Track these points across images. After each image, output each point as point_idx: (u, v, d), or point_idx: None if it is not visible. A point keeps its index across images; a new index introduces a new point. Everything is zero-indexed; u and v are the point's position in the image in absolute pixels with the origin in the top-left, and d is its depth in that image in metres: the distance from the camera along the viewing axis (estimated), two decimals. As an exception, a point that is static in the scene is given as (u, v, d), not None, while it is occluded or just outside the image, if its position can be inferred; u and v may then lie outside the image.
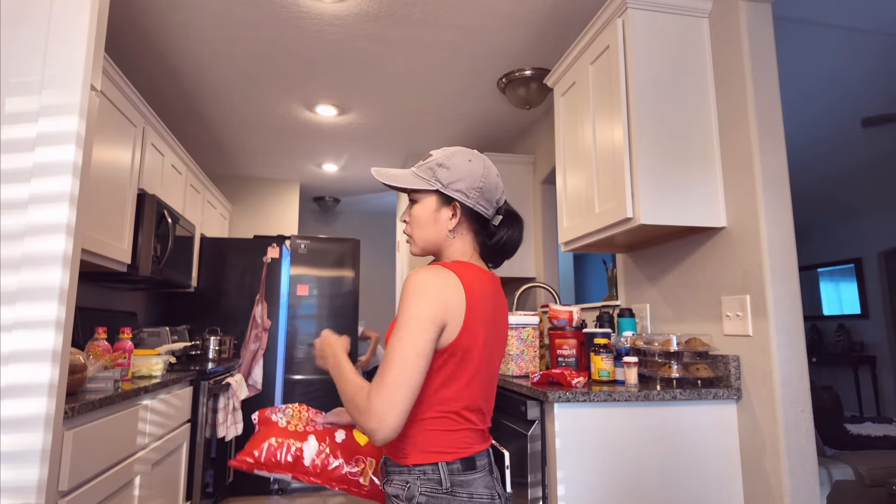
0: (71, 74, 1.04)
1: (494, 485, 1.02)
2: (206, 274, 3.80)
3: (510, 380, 1.98)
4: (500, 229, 1.11)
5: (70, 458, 1.42)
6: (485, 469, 1.01)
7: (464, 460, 0.99)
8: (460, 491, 0.97)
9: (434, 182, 1.07)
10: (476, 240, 1.11)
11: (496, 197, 1.10)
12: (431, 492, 0.96)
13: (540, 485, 1.65)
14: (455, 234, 1.09)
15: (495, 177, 1.10)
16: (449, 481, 0.97)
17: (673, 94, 1.85)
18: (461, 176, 1.07)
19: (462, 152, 1.10)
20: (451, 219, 1.08)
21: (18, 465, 0.92)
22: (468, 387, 1.00)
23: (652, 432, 1.63)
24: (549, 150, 3.42)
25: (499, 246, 1.11)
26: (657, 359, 1.81)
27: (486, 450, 1.04)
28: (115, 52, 2.71)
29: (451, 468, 0.98)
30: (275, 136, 3.96)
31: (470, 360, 1.00)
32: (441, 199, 1.08)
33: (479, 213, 1.09)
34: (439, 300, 0.95)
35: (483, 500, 0.98)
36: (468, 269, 1.04)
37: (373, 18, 2.44)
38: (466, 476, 0.98)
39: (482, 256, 1.13)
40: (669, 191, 1.78)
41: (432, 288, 0.96)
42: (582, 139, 2.13)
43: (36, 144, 1.02)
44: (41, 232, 0.99)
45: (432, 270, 0.98)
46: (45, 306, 0.96)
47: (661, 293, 2.13)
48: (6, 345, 0.96)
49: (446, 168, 1.07)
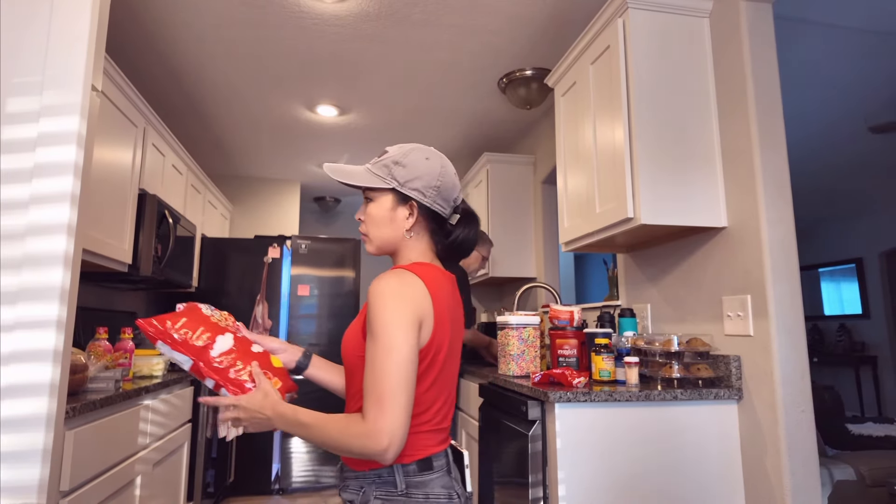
0: (72, 75, 1.04)
1: (453, 484, 1.01)
2: (207, 274, 3.80)
3: (511, 380, 1.98)
4: (456, 228, 1.09)
5: (71, 458, 1.42)
6: (442, 469, 1.00)
7: (420, 462, 0.97)
8: (416, 492, 0.95)
9: (390, 180, 1.05)
10: (433, 239, 1.09)
11: (454, 196, 1.09)
12: (386, 495, 0.95)
13: (541, 485, 1.65)
14: (412, 233, 1.07)
15: (453, 175, 1.09)
16: (404, 483, 0.95)
17: (674, 94, 1.84)
18: (418, 174, 1.04)
19: (419, 150, 1.08)
20: (407, 218, 1.06)
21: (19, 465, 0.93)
22: (431, 389, 0.98)
23: (653, 432, 1.63)
24: (549, 150, 3.42)
25: (455, 245, 1.10)
26: (658, 359, 1.81)
27: (444, 451, 1.02)
28: (116, 51, 2.72)
29: (406, 470, 0.96)
30: (276, 137, 3.96)
31: (436, 362, 0.98)
32: (397, 198, 1.06)
33: (437, 213, 1.07)
34: (413, 304, 0.93)
35: (440, 499, 0.97)
36: (429, 270, 1.02)
37: (373, 18, 2.44)
38: (423, 477, 0.97)
39: (438, 256, 1.11)
40: (670, 190, 1.78)
41: (403, 293, 0.93)
42: (583, 139, 2.13)
43: (37, 144, 1.02)
44: (42, 232, 0.99)
45: (398, 276, 0.96)
46: (47, 306, 0.97)
47: (662, 293, 2.13)
48: (7, 345, 0.96)
49: (403, 166, 1.05)
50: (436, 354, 0.98)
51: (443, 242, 1.09)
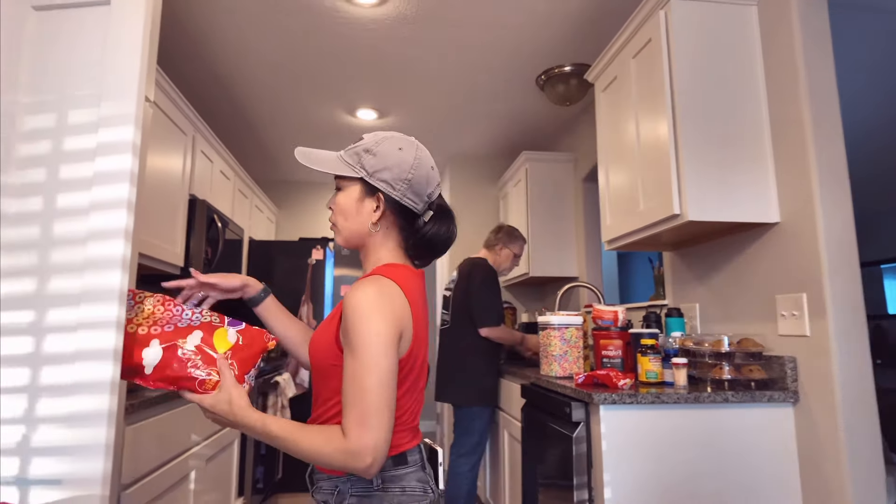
0: (127, 87, 1.09)
1: (427, 479, 0.99)
2: (255, 275, 3.91)
3: (553, 381, 1.95)
4: (427, 225, 1.02)
5: (130, 452, 1.49)
6: (416, 464, 0.98)
7: (394, 457, 0.95)
8: (392, 486, 0.94)
9: (359, 169, 0.99)
10: (401, 235, 1.02)
11: (427, 191, 1.01)
12: (363, 492, 0.93)
13: (586, 487, 1.62)
14: (378, 227, 1.00)
15: (428, 168, 1.01)
16: (380, 478, 0.94)
17: (720, 86, 1.78)
18: (388, 165, 0.97)
19: (393, 139, 1.00)
20: (374, 211, 0.99)
21: (84, 458, 0.98)
22: (406, 393, 0.96)
23: (703, 436, 1.58)
24: (590, 146, 3.36)
25: (424, 242, 1.02)
26: (707, 360, 1.75)
27: (417, 446, 0.99)
28: (166, 62, 2.83)
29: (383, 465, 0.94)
30: (318, 141, 4.05)
31: (413, 368, 0.96)
32: (365, 189, 1.00)
33: (407, 207, 1.00)
34: (393, 316, 0.89)
35: (416, 492, 0.95)
36: (404, 274, 0.98)
37: (410, 21, 2.46)
38: (398, 471, 0.95)
39: (409, 253, 1.04)
40: (718, 185, 1.72)
41: (383, 305, 0.89)
42: (625, 135, 2.08)
43: (96, 154, 1.07)
44: (102, 237, 1.04)
45: (377, 284, 0.91)
46: (106, 308, 1.02)
47: (711, 292, 2.06)
48: (72, 344, 1.01)
49: (373, 154, 0.99)
50: (414, 361, 0.95)
51: (412, 239, 1.03)
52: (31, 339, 1.03)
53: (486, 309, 2.62)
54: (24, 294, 1.05)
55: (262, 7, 2.35)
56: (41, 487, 0.98)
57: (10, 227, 1.07)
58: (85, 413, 0.99)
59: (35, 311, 1.04)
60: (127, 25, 1.11)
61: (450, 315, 2.76)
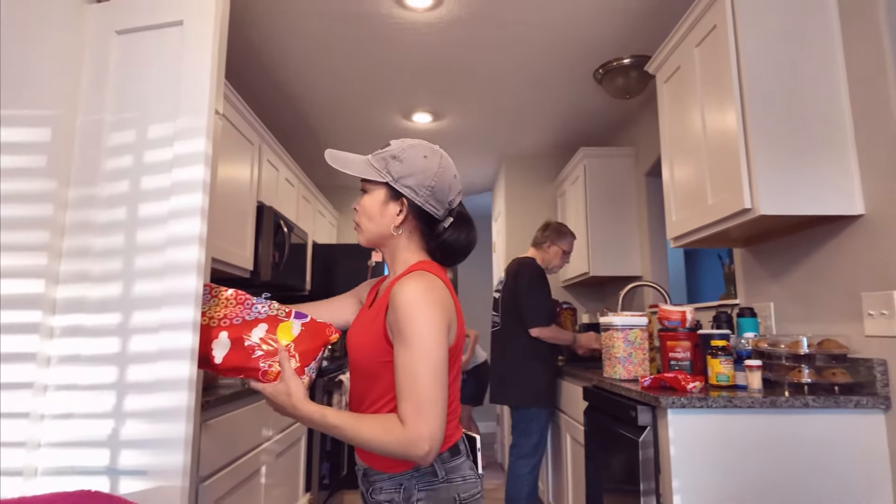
0: (199, 101, 1.16)
1: (475, 467, 1.04)
2: (318, 278, 4.05)
3: (618, 383, 1.90)
4: (447, 231, 1.06)
5: (206, 446, 1.58)
6: (464, 454, 1.03)
7: (450, 449, 1.00)
8: (454, 476, 0.99)
9: (385, 174, 1.03)
10: (423, 239, 1.07)
11: (449, 198, 1.06)
12: (428, 486, 0.97)
13: (653, 493, 1.57)
14: (400, 230, 1.05)
15: (451, 177, 1.05)
16: (443, 470, 0.98)
17: (793, 71, 1.68)
18: (413, 171, 1.02)
19: (420, 147, 1.05)
20: (397, 214, 1.04)
21: (166, 451, 1.04)
22: (454, 382, 1.01)
23: (781, 443, 1.49)
24: (652, 140, 3.25)
25: (444, 247, 1.07)
26: (784, 362, 1.65)
27: (462, 436, 1.05)
28: (231, 74, 2.98)
29: (441, 458, 0.99)
30: (375, 147, 4.13)
31: (457, 359, 1.02)
32: (390, 193, 1.04)
33: (428, 213, 1.04)
34: (443, 308, 0.94)
35: (472, 480, 1.01)
36: (439, 270, 1.04)
37: (464, 22, 2.47)
38: (455, 462, 1.00)
39: (431, 257, 1.09)
40: (793, 177, 1.62)
41: (433, 298, 0.94)
42: (689, 126, 2.00)
43: (172, 166, 1.14)
44: (179, 243, 1.11)
45: (425, 279, 0.95)
46: (184, 310, 1.08)
47: (787, 290, 1.94)
48: (154, 344, 1.09)
49: (399, 161, 1.03)
50: (457, 352, 1.01)
51: (433, 244, 1.07)
52: (118, 339, 1.12)
53: (535, 309, 2.59)
54: (113, 298, 1.13)
55: (323, 18, 2.43)
56: (129, 478, 1.05)
57: (100, 235, 1.16)
58: (166, 409, 1.06)
59: (121, 314, 1.12)
60: (199, 43, 1.18)
61: (500, 316, 2.74)
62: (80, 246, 1.16)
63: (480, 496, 1.01)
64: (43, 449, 1.09)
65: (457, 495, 0.97)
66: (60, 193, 1.16)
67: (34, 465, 1.08)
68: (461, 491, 0.98)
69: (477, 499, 1.00)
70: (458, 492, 0.98)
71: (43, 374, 1.11)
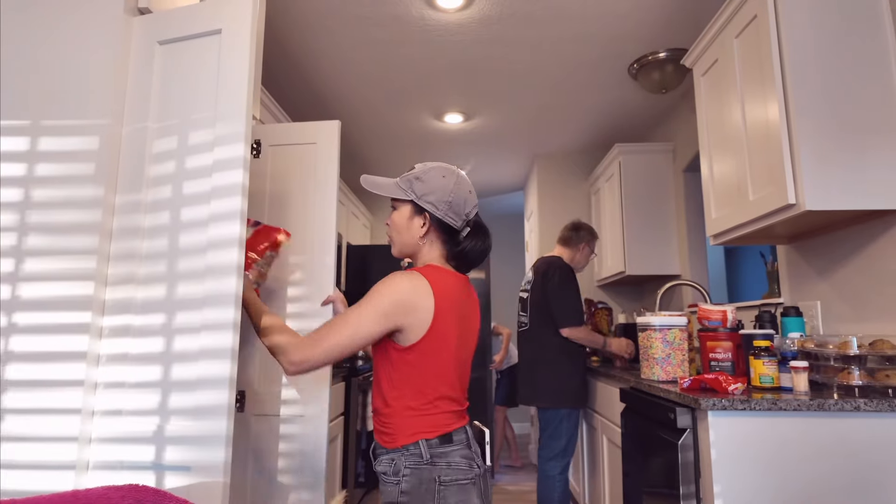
0: (237, 107, 1.19)
1: (473, 457, 1.17)
2: (353, 279, 4.10)
3: (655, 385, 1.86)
4: (465, 240, 1.23)
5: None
6: (462, 443, 1.16)
7: (441, 437, 1.14)
8: (439, 461, 1.12)
9: (410, 193, 1.22)
10: (444, 247, 1.24)
11: (465, 210, 1.23)
12: (414, 464, 1.12)
13: (693, 497, 1.53)
14: (425, 240, 1.23)
15: (466, 192, 1.23)
16: (428, 454, 1.12)
17: (839, 61, 1.61)
18: (433, 189, 1.20)
19: (438, 168, 1.23)
20: (421, 227, 1.22)
21: (208, 447, 1.08)
22: (444, 378, 1.16)
23: (830, 447, 1.43)
24: (689, 135, 3.17)
25: (462, 254, 1.24)
26: (832, 363, 1.58)
27: (462, 427, 1.18)
28: (266, 80, 3.05)
29: (430, 443, 1.13)
30: (407, 148, 4.16)
31: (443, 355, 1.15)
32: (414, 209, 1.23)
33: (448, 224, 1.22)
34: (400, 303, 1.11)
35: (460, 466, 1.13)
36: (439, 273, 1.18)
37: (495, 21, 2.46)
38: (444, 448, 1.14)
39: (451, 263, 1.26)
40: (840, 170, 1.55)
41: (400, 291, 1.12)
42: (729, 120, 1.94)
43: (213, 170, 1.18)
44: (219, 246, 1.14)
45: (407, 276, 1.14)
46: (224, 311, 1.11)
47: (836, 288, 1.86)
48: (196, 343, 1.12)
49: (422, 181, 1.21)
50: (439, 348, 1.14)
51: (453, 251, 1.24)
52: (162, 339, 1.16)
53: (566, 308, 2.55)
54: (157, 299, 1.18)
55: (356, 22, 2.46)
56: (173, 473, 1.09)
57: (145, 239, 1.21)
58: (208, 406, 1.09)
59: (165, 314, 1.16)
60: (236, 51, 1.21)
61: (528, 316, 2.70)
62: (126, 249, 1.21)
63: (470, 483, 1.13)
64: (94, 444, 1.14)
65: (437, 477, 1.11)
66: (108, 199, 1.21)
67: (86, 459, 1.13)
68: (443, 475, 1.12)
69: (462, 484, 1.12)
70: (439, 474, 1.11)
71: (93, 373, 1.16)
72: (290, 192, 1.78)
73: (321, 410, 1.66)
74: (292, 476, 1.64)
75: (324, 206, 1.78)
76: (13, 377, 1.13)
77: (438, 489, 1.11)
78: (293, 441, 1.65)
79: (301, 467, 1.64)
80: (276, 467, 1.64)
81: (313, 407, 1.66)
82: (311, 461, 1.64)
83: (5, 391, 1.12)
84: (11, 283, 1.16)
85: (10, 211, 1.19)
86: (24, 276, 1.16)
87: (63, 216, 1.19)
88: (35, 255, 1.17)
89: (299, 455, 1.64)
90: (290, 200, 1.77)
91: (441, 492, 1.11)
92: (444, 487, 1.11)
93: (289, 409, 1.66)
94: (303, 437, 1.65)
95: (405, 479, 1.12)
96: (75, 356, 1.14)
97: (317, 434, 1.65)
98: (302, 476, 1.63)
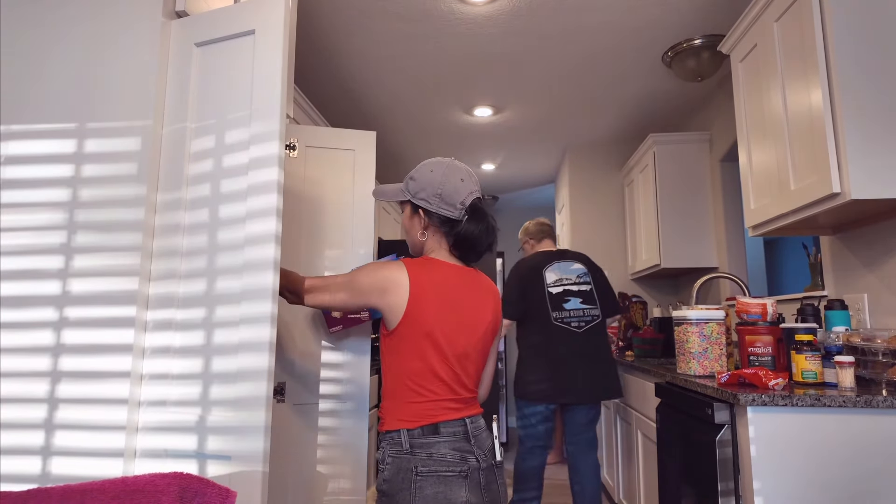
0: (272, 106, 1.21)
1: (472, 450, 1.16)
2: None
3: (692, 379, 1.83)
4: (463, 226, 1.23)
5: (284, 434, 1.66)
6: (453, 435, 1.15)
7: (425, 427, 1.14)
8: (418, 451, 1.13)
9: (406, 193, 1.27)
10: (447, 239, 1.26)
11: (459, 199, 1.22)
12: (395, 453, 1.15)
13: (732, 495, 1.49)
14: (426, 235, 1.27)
15: (457, 181, 1.23)
16: (408, 444, 1.14)
17: (886, 40, 1.53)
18: (423, 186, 1.23)
19: (428, 164, 1.26)
20: (420, 224, 1.27)
21: (247, 437, 1.11)
22: (431, 364, 1.16)
23: (879, 446, 1.38)
24: (727, 123, 3.07)
25: (462, 242, 1.23)
26: (881, 359, 1.52)
27: (459, 419, 1.17)
28: (298, 78, 3.09)
29: (411, 434, 1.14)
30: (437, 142, 4.16)
31: (423, 342, 1.16)
32: (412, 208, 1.28)
33: (446, 216, 1.23)
34: (379, 277, 1.19)
35: (444, 459, 1.13)
36: (427, 262, 1.21)
37: (524, 14, 2.43)
38: (427, 439, 1.14)
39: (455, 253, 1.26)
40: (888, 157, 1.48)
41: (382, 268, 1.20)
42: (769, 107, 1.88)
43: (249, 168, 1.21)
44: (256, 242, 1.17)
45: (388, 264, 1.20)
46: (261, 305, 1.14)
47: (884, 281, 1.79)
48: (235, 336, 1.15)
49: (414, 180, 1.25)
50: (417, 328, 1.16)
51: (455, 240, 1.24)
52: (203, 332, 1.19)
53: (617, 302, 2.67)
54: (197, 294, 1.21)
55: (387, 18, 2.47)
56: (215, 462, 1.13)
57: (186, 236, 1.25)
58: (247, 398, 1.12)
59: (206, 308, 1.20)
60: (269, 51, 1.23)
61: (598, 308, 2.54)
62: (168, 246, 1.25)
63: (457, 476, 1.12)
64: (140, 433, 1.19)
65: (414, 467, 1.12)
66: (150, 198, 1.25)
67: (133, 447, 1.18)
68: (421, 465, 1.12)
69: (444, 476, 1.12)
70: (416, 465, 1.12)
71: (138, 364, 1.20)
72: (324, 196, 1.82)
73: (362, 401, 1.71)
74: (332, 466, 1.67)
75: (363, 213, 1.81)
76: (65, 368, 1.19)
77: (415, 479, 1.11)
78: (333, 432, 1.68)
79: (341, 458, 1.67)
80: (316, 457, 1.68)
81: (353, 398, 1.71)
82: (351, 452, 1.67)
83: (58, 382, 1.18)
84: (62, 279, 1.22)
85: (60, 210, 1.24)
86: (73, 272, 1.22)
87: (108, 215, 1.23)
88: (83, 252, 1.22)
89: (340, 446, 1.68)
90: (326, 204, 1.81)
91: (417, 482, 1.11)
92: (422, 478, 1.11)
93: (328, 401, 1.70)
94: (343, 428, 1.68)
95: (387, 466, 1.15)
96: (122, 349, 1.19)
97: (357, 425, 1.68)
98: (343, 466, 1.67)
